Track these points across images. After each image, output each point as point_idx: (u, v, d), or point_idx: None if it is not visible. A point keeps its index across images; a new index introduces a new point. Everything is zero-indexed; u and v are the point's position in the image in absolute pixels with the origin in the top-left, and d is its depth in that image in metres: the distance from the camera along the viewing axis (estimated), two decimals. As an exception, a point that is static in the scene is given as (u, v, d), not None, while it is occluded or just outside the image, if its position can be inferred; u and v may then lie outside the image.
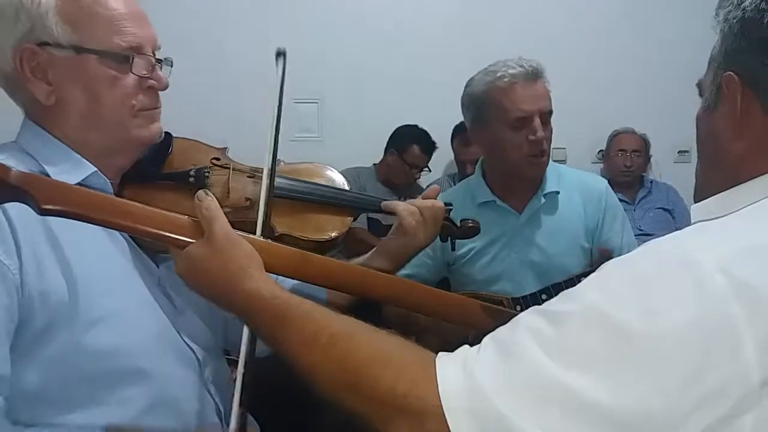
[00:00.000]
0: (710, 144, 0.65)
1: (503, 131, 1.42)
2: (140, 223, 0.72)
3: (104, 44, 0.81)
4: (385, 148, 2.95)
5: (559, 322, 0.52)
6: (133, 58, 0.83)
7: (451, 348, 0.59)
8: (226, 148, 1.04)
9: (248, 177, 1.01)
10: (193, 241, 0.72)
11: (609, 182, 1.61)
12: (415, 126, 2.93)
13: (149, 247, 0.86)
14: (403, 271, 1.16)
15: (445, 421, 0.52)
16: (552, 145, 1.45)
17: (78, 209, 0.70)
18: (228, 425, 0.76)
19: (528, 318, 0.55)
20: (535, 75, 1.41)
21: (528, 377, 0.50)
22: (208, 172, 0.98)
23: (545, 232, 1.48)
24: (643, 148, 3.02)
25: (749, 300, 0.47)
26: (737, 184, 0.59)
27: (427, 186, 3.43)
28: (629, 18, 3.24)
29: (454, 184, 2.99)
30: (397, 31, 3.15)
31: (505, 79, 1.39)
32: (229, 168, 1.01)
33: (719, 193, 0.61)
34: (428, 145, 2.91)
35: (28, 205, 0.68)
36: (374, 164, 3.01)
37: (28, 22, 0.78)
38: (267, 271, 0.73)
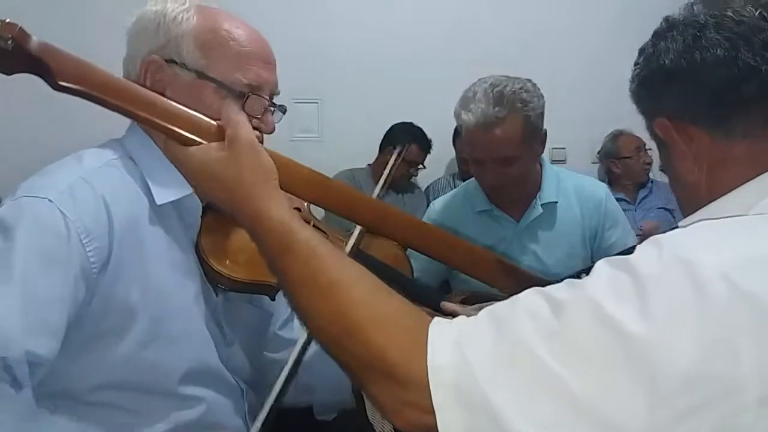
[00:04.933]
0: (682, 189, 0.68)
1: (471, 160, 1.46)
2: (160, 117, 0.70)
3: (225, 76, 0.83)
4: (380, 146, 2.95)
5: (560, 310, 0.51)
6: (248, 97, 0.83)
7: None
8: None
9: (324, 237, 1.02)
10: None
11: (613, 183, 1.60)
12: (411, 123, 2.93)
13: (210, 277, 0.86)
14: None
15: (429, 394, 0.51)
16: (551, 145, 1.45)
17: (97, 91, 0.67)
18: None
19: (530, 299, 0.54)
20: (486, 124, 1.31)
21: (520, 363, 0.50)
22: None
23: (543, 240, 1.48)
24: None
25: (751, 310, 0.46)
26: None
27: (427, 187, 3.42)
28: (629, 18, 3.24)
29: (454, 183, 3.01)
30: (396, 31, 3.15)
31: (463, 122, 1.36)
32: (309, 224, 0.98)
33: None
34: (425, 143, 2.91)
35: (44, 78, 0.66)
36: (369, 164, 3.01)
37: (164, 38, 0.83)
38: (283, 189, 0.70)
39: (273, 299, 0.94)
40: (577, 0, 3.28)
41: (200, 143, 0.71)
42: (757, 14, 0.60)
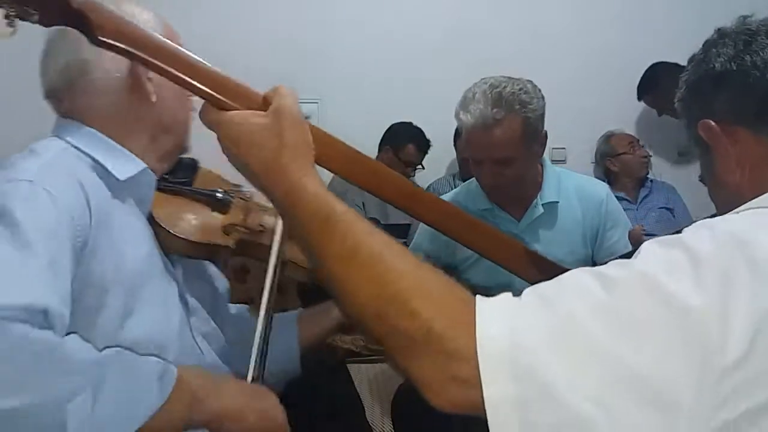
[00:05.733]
0: (724, 191, 0.68)
1: (470, 160, 1.47)
2: (203, 81, 0.69)
3: None
4: (379, 146, 2.95)
5: (612, 286, 0.50)
6: None
7: None
8: (241, 186, 1.10)
9: (261, 209, 1.09)
10: None
11: (613, 182, 1.60)
12: (410, 123, 2.93)
13: (167, 244, 0.93)
14: None
15: (477, 367, 0.49)
16: (551, 145, 1.45)
17: (137, 48, 0.66)
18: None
19: (576, 276, 0.53)
20: (484, 125, 1.33)
21: (571, 337, 0.48)
22: (232, 196, 1.08)
23: (543, 240, 1.48)
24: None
25: None
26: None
27: (427, 187, 3.44)
28: (629, 19, 3.25)
29: (454, 183, 3.01)
30: (397, 31, 3.15)
31: (462, 122, 1.37)
32: (247, 199, 1.12)
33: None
34: (423, 143, 2.91)
35: (83, 32, 0.65)
36: None
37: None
38: (318, 162, 0.69)
39: (226, 265, 1.07)
40: (576, 0, 3.28)
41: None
42: None
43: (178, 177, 1.02)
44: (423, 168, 2.98)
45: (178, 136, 0.96)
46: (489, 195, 1.49)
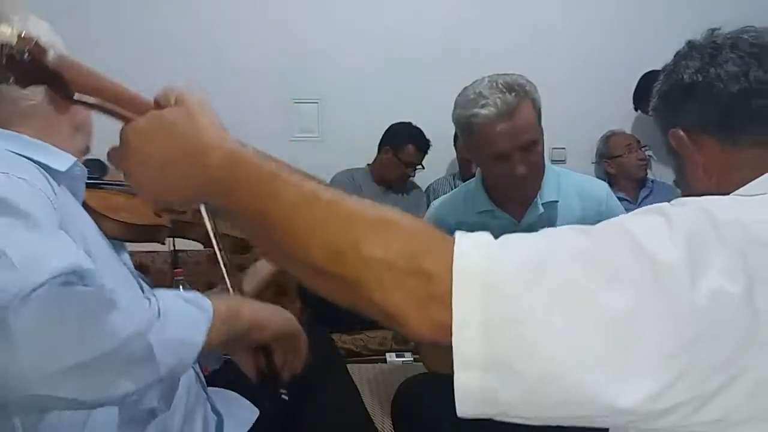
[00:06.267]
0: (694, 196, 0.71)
1: (486, 162, 1.45)
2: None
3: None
4: (379, 146, 2.96)
5: (591, 234, 0.52)
6: None
7: None
8: None
9: None
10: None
11: (612, 183, 1.61)
12: (409, 124, 2.93)
13: (108, 228, 0.97)
14: None
15: (451, 285, 0.48)
16: (551, 146, 1.45)
17: (113, 102, 0.65)
18: None
19: (558, 228, 0.54)
20: (509, 112, 1.33)
21: (548, 273, 0.48)
22: None
23: None
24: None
25: (763, 256, 0.48)
26: None
27: (427, 187, 3.44)
28: (628, 18, 3.25)
29: (454, 183, 3.02)
30: (397, 31, 3.15)
31: (479, 119, 1.36)
32: None
33: None
34: (423, 143, 2.91)
35: (59, 92, 0.65)
36: (368, 164, 3.01)
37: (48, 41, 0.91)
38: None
39: (163, 243, 1.16)
40: (576, 1, 3.29)
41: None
42: None
43: (92, 167, 1.06)
44: (423, 168, 2.98)
45: (88, 135, 0.99)
46: (514, 189, 1.47)
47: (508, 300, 0.47)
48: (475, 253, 0.50)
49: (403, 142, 2.88)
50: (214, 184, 0.59)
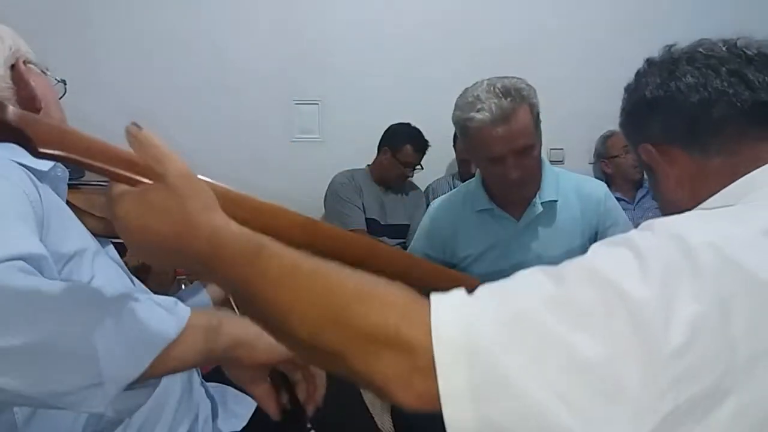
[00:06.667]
0: (670, 208, 0.74)
1: (483, 163, 1.47)
2: (141, 174, 0.64)
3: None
4: (378, 146, 2.97)
5: (561, 279, 0.52)
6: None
7: None
8: None
9: None
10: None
11: (610, 183, 1.62)
12: (408, 124, 2.94)
13: (97, 228, 0.99)
14: None
15: (433, 352, 0.49)
16: (549, 146, 1.47)
17: (80, 155, 0.64)
18: None
19: (528, 273, 0.55)
20: (504, 117, 1.35)
21: (524, 326, 0.49)
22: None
23: (542, 239, 1.50)
24: None
25: (737, 276, 0.49)
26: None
27: (427, 187, 3.44)
28: (627, 18, 3.26)
29: (454, 183, 3.03)
30: (397, 32, 3.16)
31: (475, 123, 1.37)
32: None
33: None
34: (421, 144, 2.92)
35: (23, 147, 0.64)
36: (368, 165, 3.03)
37: (14, 44, 0.98)
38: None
39: None
40: (575, 1, 3.30)
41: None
42: (725, 49, 0.71)
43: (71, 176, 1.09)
44: (422, 168, 2.99)
45: None
46: (506, 195, 1.50)
47: (490, 365, 0.48)
48: (452, 320, 0.50)
49: (401, 143, 2.90)
50: (201, 263, 0.60)
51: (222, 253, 0.59)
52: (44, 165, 0.90)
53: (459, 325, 0.50)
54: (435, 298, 0.53)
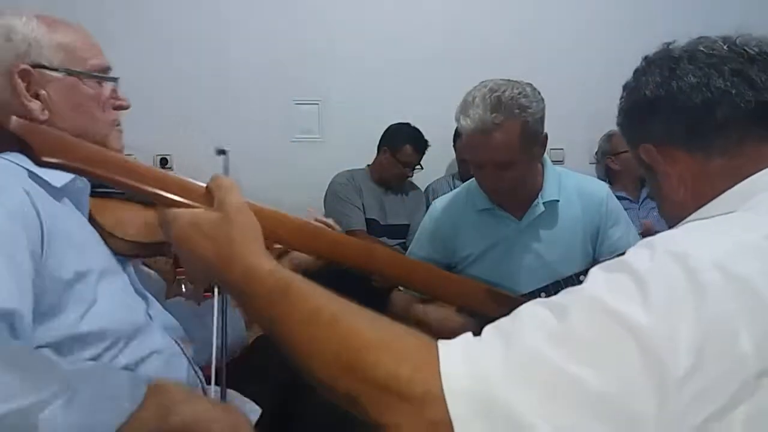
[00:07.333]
0: (671, 208, 0.73)
1: (471, 164, 1.47)
2: (149, 183, 0.70)
3: (87, 67, 0.96)
4: (378, 147, 2.97)
5: (563, 313, 0.52)
6: (104, 80, 0.98)
7: None
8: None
9: None
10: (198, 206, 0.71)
11: (614, 181, 1.60)
12: (407, 124, 2.94)
13: (116, 246, 0.95)
14: None
15: (446, 405, 0.49)
16: (549, 146, 1.46)
17: (80, 163, 0.68)
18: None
19: (531, 309, 0.55)
20: (484, 130, 1.33)
21: (532, 365, 0.50)
22: None
23: (544, 239, 1.49)
24: None
25: (744, 293, 0.49)
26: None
27: (427, 187, 3.43)
28: (628, 19, 3.26)
29: (454, 183, 3.03)
30: (397, 32, 3.16)
31: (462, 125, 1.38)
32: None
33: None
34: (420, 144, 2.92)
35: (26, 155, 0.67)
36: (368, 165, 3.03)
37: (23, 46, 0.91)
38: (272, 239, 0.72)
39: (170, 257, 1.13)
40: (575, 1, 3.30)
41: (189, 205, 0.71)
42: (726, 48, 0.69)
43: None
44: (422, 168, 2.99)
45: (94, 142, 0.93)
46: (490, 196, 1.51)
47: (504, 411, 0.48)
48: (462, 371, 0.51)
49: (400, 143, 2.89)
50: (235, 294, 0.67)
51: (252, 290, 0.64)
52: (59, 180, 0.87)
53: (469, 375, 0.50)
54: (442, 347, 0.53)
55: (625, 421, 0.47)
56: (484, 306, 0.90)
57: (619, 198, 1.67)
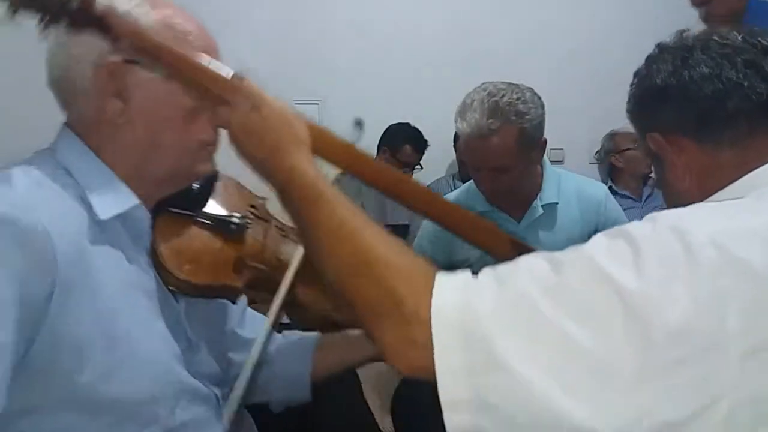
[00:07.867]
0: (676, 198, 0.73)
1: (468, 166, 1.48)
2: (209, 81, 0.76)
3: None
4: (377, 146, 2.97)
5: (560, 268, 0.54)
6: None
7: None
8: (266, 199, 1.00)
9: (281, 234, 1.02)
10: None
11: (618, 180, 1.59)
12: (407, 124, 2.94)
13: (170, 283, 0.82)
14: None
15: (431, 329, 0.53)
16: (549, 146, 1.46)
17: (154, 54, 0.73)
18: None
19: (531, 259, 0.57)
20: (480, 135, 1.32)
21: (521, 311, 0.52)
22: (250, 223, 0.96)
23: (543, 241, 1.49)
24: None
25: (739, 274, 0.50)
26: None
27: (427, 187, 3.43)
28: (627, 18, 3.26)
29: (454, 183, 3.03)
30: (397, 31, 3.17)
31: (460, 127, 1.37)
32: (269, 222, 1.03)
33: None
34: (420, 144, 2.93)
35: (106, 39, 0.71)
36: None
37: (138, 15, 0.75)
38: (314, 153, 0.75)
39: (234, 302, 0.97)
40: (576, 1, 3.30)
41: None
42: (740, 38, 0.68)
43: (192, 189, 0.88)
44: (421, 168, 2.99)
45: (171, 162, 0.79)
46: (488, 198, 1.51)
47: (486, 346, 0.51)
48: (453, 301, 0.54)
49: (400, 143, 2.89)
50: (278, 191, 0.72)
51: (290, 191, 0.70)
52: (105, 211, 0.73)
53: (459, 307, 0.54)
54: (440, 278, 0.57)
55: (602, 372, 0.49)
56: (502, 252, 0.91)
57: (622, 196, 1.67)
